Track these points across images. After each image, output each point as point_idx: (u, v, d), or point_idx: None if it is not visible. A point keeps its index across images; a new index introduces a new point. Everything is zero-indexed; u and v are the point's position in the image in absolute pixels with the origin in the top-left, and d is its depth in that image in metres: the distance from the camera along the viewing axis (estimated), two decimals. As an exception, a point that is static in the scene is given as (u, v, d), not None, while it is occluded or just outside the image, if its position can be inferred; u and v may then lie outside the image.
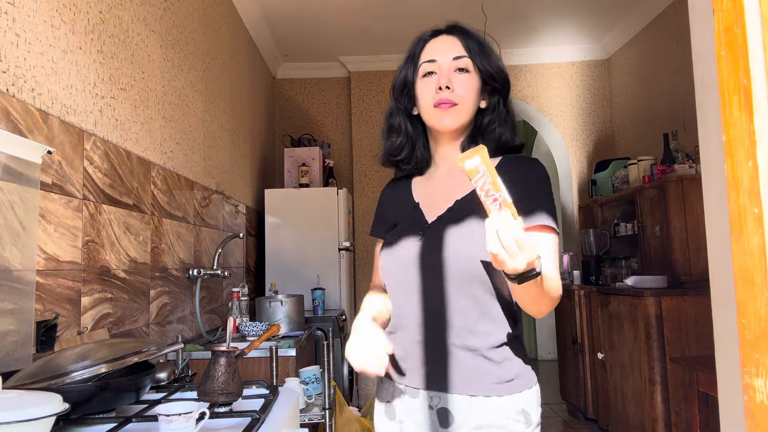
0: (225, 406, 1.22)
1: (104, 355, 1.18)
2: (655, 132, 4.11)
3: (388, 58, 4.83)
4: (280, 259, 3.93)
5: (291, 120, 4.95)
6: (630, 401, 3.21)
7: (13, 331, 1.29)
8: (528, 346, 6.66)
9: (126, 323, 1.92)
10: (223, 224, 3.16)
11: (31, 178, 1.37)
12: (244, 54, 3.83)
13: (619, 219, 4.00)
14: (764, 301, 0.61)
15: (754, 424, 0.62)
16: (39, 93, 1.47)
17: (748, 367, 0.63)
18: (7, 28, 1.35)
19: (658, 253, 3.38)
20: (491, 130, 1.17)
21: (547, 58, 4.93)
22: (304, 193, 4.00)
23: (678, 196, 3.20)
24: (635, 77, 4.45)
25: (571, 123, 4.92)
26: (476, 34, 1.21)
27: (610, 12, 4.25)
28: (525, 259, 0.83)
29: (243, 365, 2.22)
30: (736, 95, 0.64)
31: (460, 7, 3.98)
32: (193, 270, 2.55)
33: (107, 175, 1.82)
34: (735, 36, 0.64)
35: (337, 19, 4.15)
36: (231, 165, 3.41)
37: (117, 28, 1.93)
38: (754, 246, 0.62)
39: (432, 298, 1.10)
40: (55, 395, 0.95)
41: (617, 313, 3.33)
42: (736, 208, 0.64)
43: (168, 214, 2.33)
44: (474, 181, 0.84)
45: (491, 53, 1.19)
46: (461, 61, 1.16)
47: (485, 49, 1.19)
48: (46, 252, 1.46)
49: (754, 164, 0.61)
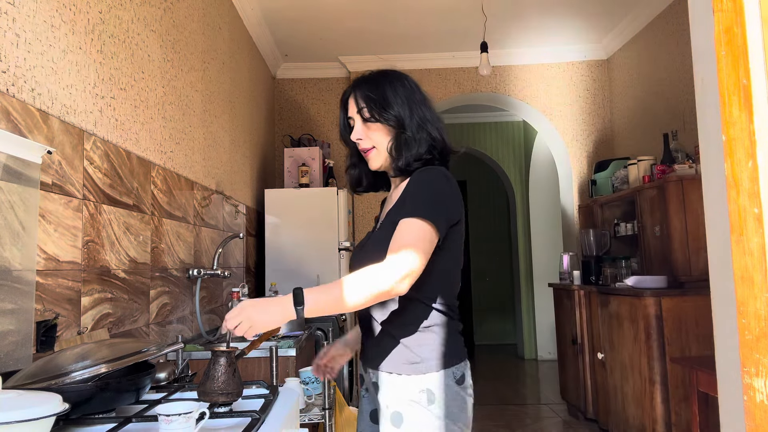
0: (225, 406, 1.22)
1: (104, 355, 1.18)
2: (655, 132, 4.11)
3: (388, 58, 4.83)
4: (280, 259, 3.93)
5: (291, 120, 4.95)
6: (630, 401, 3.21)
7: (13, 331, 1.29)
8: (528, 346, 6.66)
9: (126, 323, 1.92)
10: (223, 224, 3.16)
11: (31, 178, 1.37)
12: (244, 54, 3.83)
13: (619, 219, 4.00)
14: (764, 301, 0.61)
15: (754, 424, 0.62)
16: (39, 93, 1.47)
17: (748, 367, 0.63)
18: (7, 28, 1.35)
19: (658, 253, 3.38)
20: (398, 157, 1.35)
21: (547, 58, 4.92)
22: (304, 193, 4.00)
23: (678, 196, 3.19)
24: (635, 77, 4.45)
25: (571, 123, 4.92)
26: (365, 82, 1.39)
27: (610, 12, 4.25)
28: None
29: (243, 365, 2.22)
30: (736, 95, 0.64)
31: (460, 7, 3.98)
32: (193, 270, 2.55)
33: (107, 175, 1.82)
34: (735, 36, 0.64)
35: (337, 19, 4.15)
36: (231, 165, 3.41)
37: (117, 28, 1.93)
38: (754, 246, 0.62)
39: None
40: (55, 395, 0.95)
41: (617, 313, 3.33)
42: (736, 208, 0.64)
43: (168, 214, 2.33)
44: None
45: (377, 94, 1.36)
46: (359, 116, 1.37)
47: (371, 97, 1.36)
48: (46, 252, 1.46)
49: (754, 164, 0.61)
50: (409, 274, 1.17)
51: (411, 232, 1.21)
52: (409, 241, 1.19)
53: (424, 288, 1.27)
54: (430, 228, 1.22)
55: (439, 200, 1.26)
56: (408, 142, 1.33)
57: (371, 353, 1.36)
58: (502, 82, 4.95)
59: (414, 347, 1.27)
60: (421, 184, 1.28)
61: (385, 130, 1.35)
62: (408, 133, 1.33)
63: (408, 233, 1.21)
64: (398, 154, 1.34)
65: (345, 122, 1.43)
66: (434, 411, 1.24)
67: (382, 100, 1.34)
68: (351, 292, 1.17)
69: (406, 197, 1.28)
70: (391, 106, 1.34)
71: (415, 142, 1.33)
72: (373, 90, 1.35)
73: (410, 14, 4.10)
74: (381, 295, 1.18)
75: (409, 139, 1.33)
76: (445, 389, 1.25)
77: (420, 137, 1.34)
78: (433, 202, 1.25)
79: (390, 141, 1.35)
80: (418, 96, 1.38)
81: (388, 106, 1.34)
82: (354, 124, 1.38)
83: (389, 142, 1.35)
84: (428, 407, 1.24)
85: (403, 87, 1.37)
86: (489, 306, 8.02)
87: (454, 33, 4.45)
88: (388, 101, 1.34)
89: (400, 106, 1.34)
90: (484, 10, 3.93)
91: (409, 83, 1.40)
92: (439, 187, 1.28)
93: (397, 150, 1.34)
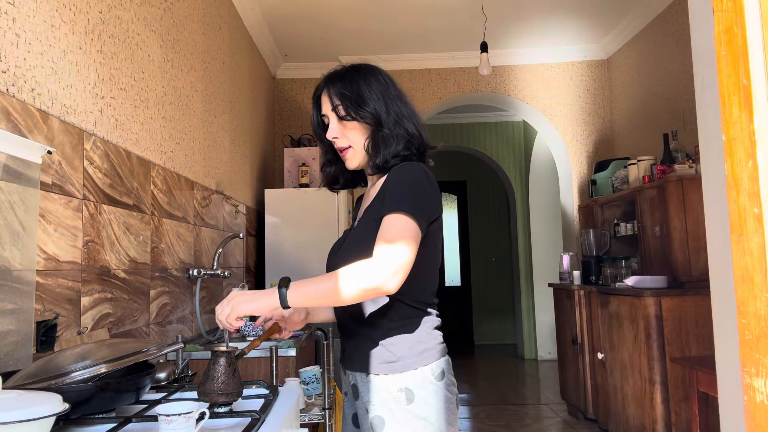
0: (225, 406, 1.22)
1: (104, 355, 1.18)
2: (655, 132, 4.11)
3: (388, 58, 4.84)
4: (280, 259, 3.93)
5: (291, 120, 4.95)
6: (630, 401, 3.21)
7: (13, 331, 1.29)
8: (528, 346, 6.67)
9: (126, 323, 1.92)
10: (223, 224, 3.16)
11: (31, 178, 1.37)
12: (244, 54, 3.83)
13: (619, 219, 4.00)
14: (764, 301, 0.61)
15: (754, 424, 0.62)
16: (39, 93, 1.47)
17: (748, 367, 0.63)
18: (7, 28, 1.35)
19: (658, 253, 3.38)
20: (375, 154, 1.31)
21: (547, 58, 4.92)
22: (304, 193, 4.00)
23: (678, 196, 3.19)
24: (635, 77, 4.45)
25: (571, 123, 4.92)
26: (338, 78, 1.35)
27: (610, 12, 4.25)
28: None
29: (243, 365, 2.22)
30: (736, 95, 0.64)
31: (460, 7, 3.98)
32: (193, 270, 2.55)
33: (107, 175, 1.82)
34: (735, 36, 0.64)
35: (337, 19, 4.15)
36: (231, 165, 3.41)
37: (117, 28, 1.93)
38: (754, 246, 0.62)
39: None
40: (55, 395, 0.95)
41: (617, 313, 3.33)
42: (736, 208, 0.64)
43: (168, 214, 2.33)
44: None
45: (352, 91, 1.32)
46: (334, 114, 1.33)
47: (346, 94, 1.32)
48: (46, 252, 1.46)
49: (754, 164, 0.61)
50: (399, 270, 1.14)
51: (397, 227, 1.18)
52: (396, 237, 1.17)
53: (402, 285, 1.24)
54: (414, 223, 1.19)
55: (419, 196, 1.23)
56: (385, 139, 1.30)
57: (348, 354, 1.34)
58: (502, 82, 4.95)
59: (389, 346, 1.25)
60: (400, 179, 1.25)
61: (361, 128, 1.31)
62: (385, 130, 1.30)
63: (394, 228, 1.18)
64: (375, 152, 1.30)
65: (318, 120, 1.38)
66: (414, 410, 1.21)
67: (357, 97, 1.30)
68: (338, 287, 1.14)
69: (385, 193, 1.25)
70: (367, 103, 1.29)
71: (393, 139, 1.30)
72: (347, 87, 1.31)
73: (410, 14, 4.10)
74: (370, 291, 1.15)
75: (387, 136, 1.30)
76: (424, 387, 1.23)
77: (397, 133, 1.30)
78: (414, 198, 1.22)
79: (367, 139, 1.31)
80: (393, 91, 1.34)
81: (364, 103, 1.29)
82: (328, 122, 1.34)
83: (366, 140, 1.31)
84: (408, 407, 1.22)
85: (378, 82, 1.33)
86: (489, 306, 8.02)
87: (454, 33, 4.45)
88: (364, 98, 1.30)
89: (375, 103, 1.30)
90: (484, 10, 3.93)
91: (383, 78, 1.35)
92: (418, 182, 1.25)
93: (375, 148, 1.30)
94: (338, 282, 1.15)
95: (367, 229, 1.26)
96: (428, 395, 1.23)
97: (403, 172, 1.26)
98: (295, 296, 1.17)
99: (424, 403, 1.22)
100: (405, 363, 1.24)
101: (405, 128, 1.31)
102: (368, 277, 1.14)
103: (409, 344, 1.25)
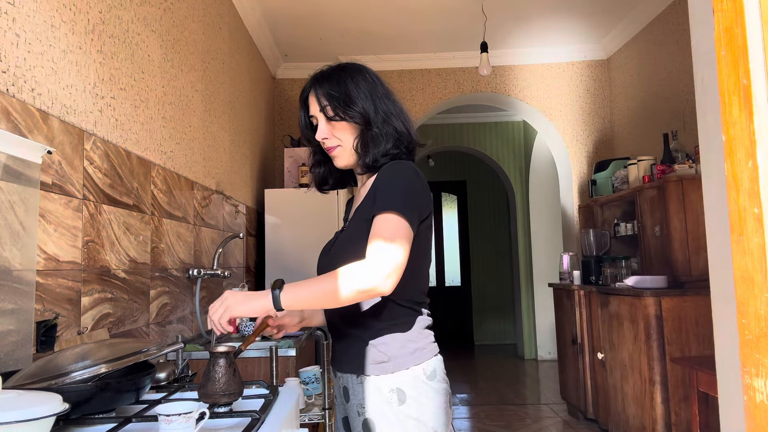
0: (225, 406, 1.22)
1: (104, 355, 1.18)
2: (655, 132, 4.11)
3: (388, 58, 4.84)
4: (280, 259, 3.93)
5: (291, 120, 4.95)
6: (630, 401, 3.21)
7: (13, 331, 1.29)
8: (528, 346, 6.67)
9: (126, 323, 1.92)
10: (223, 224, 3.16)
11: (31, 178, 1.37)
12: (244, 54, 3.83)
13: (619, 219, 4.00)
14: (764, 301, 0.61)
15: (754, 424, 0.62)
16: (39, 93, 1.47)
17: (748, 367, 0.63)
18: (7, 28, 1.35)
19: (658, 253, 3.38)
20: (365, 154, 1.31)
21: (547, 58, 4.93)
22: (304, 193, 3.99)
23: (678, 196, 3.19)
24: (635, 77, 4.45)
25: (571, 123, 4.92)
26: (325, 79, 1.34)
27: (610, 12, 4.25)
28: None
29: (243, 365, 2.22)
30: (736, 95, 0.64)
31: (460, 8, 3.98)
32: (193, 270, 2.55)
33: (107, 175, 1.82)
34: (735, 36, 0.64)
35: (337, 19, 4.15)
36: (231, 165, 3.41)
37: (117, 28, 1.93)
38: (754, 246, 0.62)
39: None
40: (55, 395, 0.95)
41: (617, 313, 3.33)
42: (736, 208, 0.64)
43: (168, 214, 2.33)
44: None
45: (340, 91, 1.31)
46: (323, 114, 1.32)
47: (333, 95, 1.31)
48: (46, 252, 1.46)
49: (754, 164, 0.61)
50: (393, 272, 1.13)
51: (389, 227, 1.17)
52: (389, 237, 1.15)
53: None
54: (406, 222, 1.18)
55: (411, 195, 1.22)
56: (375, 138, 1.29)
57: (339, 356, 1.33)
58: (502, 82, 4.95)
59: (380, 346, 1.24)
60: (390, 178, 1.24)
61: (350, 128, 1.31)
62: (374, 130, 1.29)
63: (387, 229, 1.17)
64: (365, 151, 1.30)
65: (306, 121, 1.37)
66: (406, 411, 1.20)
67: (345, 97, 1.29)
68: (332, 289, 1.14)
69: (376, 192, 1.24)
70: (355, 102, 1.29)
71: (382, 138, 1.29)
72: (334, 87, 1.30)
73: (410, 14, 4.10)
74: (365, 293, 1.14)
75: (376, 135, 1.29)
76: (416, 387, 1.22)
77: (386, 132, 1.30)
78: (405, 197, 1.21)
79: (356, 138, 1.31)
80: (381, 89, 1.33)
81: (352, 102, 1.29)
82: (317, 123, 1.33)
83: (355, 140, 1.31)
84: (400, 408, 1.20)
85: (365, 81, 1.32)
86: (489, 306, 8.02)
87: (454, 33, 4.45)
88: (351, 98, 1.29)
89: (363, 102, 1.29)
90: (484, 10, 3.93)
91: (371, 76, 1.34)
92: (409, 181, 1.24)
93: (364, 147, 1.30)
94: (332, 284, 1.14)
95: (358, 229, 1.25)
96: (420, 395, 1.22)
97: (393, 171, 1.26)
98: (288, 298, 1.16)
99: (417, 404, 1.21)
100: (396, 363, 1.23)
101: (394, 126, 1.31)
102: (362, 279, 1.13)
103: (400, 343, 1.25)
